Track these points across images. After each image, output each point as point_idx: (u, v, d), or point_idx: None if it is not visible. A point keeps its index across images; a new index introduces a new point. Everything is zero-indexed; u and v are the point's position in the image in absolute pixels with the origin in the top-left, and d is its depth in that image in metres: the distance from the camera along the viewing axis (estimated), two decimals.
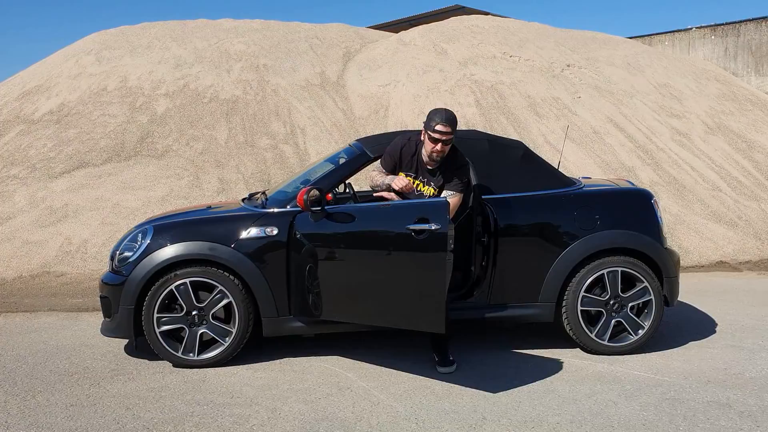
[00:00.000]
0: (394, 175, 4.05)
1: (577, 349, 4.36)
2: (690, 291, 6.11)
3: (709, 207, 9.00)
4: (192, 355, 4.09)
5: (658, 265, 4.32)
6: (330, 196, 4.14)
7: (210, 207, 4.70)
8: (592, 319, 4.29)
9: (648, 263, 4.31)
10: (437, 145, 3.88)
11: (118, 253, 4.23)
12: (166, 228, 4.21)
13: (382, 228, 3.79)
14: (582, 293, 4.23)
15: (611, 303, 4.26)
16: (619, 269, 4.25)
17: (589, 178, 5.26)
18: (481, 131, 4.95)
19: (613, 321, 4.27)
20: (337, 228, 3.86)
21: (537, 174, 4.45)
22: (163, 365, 4.16)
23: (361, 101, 10.95)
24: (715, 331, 4.91)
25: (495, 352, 4.40)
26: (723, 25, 15.74)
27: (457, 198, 4.02)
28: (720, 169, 9.98)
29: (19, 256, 7.38)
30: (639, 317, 4.29)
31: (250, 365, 4.15)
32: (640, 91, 11.84)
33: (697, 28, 16.17)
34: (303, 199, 3.83)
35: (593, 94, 11.41)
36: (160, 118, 9.94)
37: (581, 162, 9.62)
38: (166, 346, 4.07)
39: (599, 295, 4.26)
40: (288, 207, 4.13)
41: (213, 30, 12.79)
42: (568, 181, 4.54)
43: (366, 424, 3.26)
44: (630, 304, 4.27)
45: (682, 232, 8.40)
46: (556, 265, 4.23)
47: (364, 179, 8.81)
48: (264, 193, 4.71)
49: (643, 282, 4.25)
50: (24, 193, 8.42)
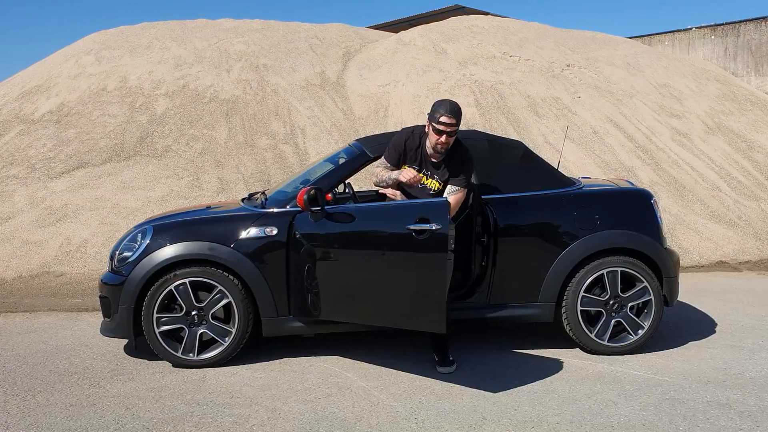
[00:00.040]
0: (398, 169, 4.00)
1: (577, 349, 4.36)
2: (690, 291, 6.11)
3: (709, 207, 9.00)
4: (192, 355, 4.09)
5: (658, 265, 4.32)
6: (330, 196, 4.14)
7: (210, 207, 4.69)
8: (591, 319, 4.29)
9: (648, 263, 4.31)
10: (442, 137, 3.84)
11: (117, 253, 4.23)
12: (165, 228, 4.21)
13: (382, 228, 3.78)
14: (582, 293, 4.23)
15: (611, 303, 4.26)
16: (618, 269, 4.25)
17: (589, 178, 5.26)
18: (480, 131, 4.95)
19: (612, 321, 4.27)
20: (337, 228, 3.86)
21: (537, 174, 4.45)
22: (162, 365, 4.16)
23: (361, 101, 10.95)
24: (714, 331, 4.91)
25: (495, 352, 4.40)
26: (723, 25, 15.74)
27: (461, 193, 3.99)
28: (720, 169, 9.98)
29: (19, 256, 7.38)
30: (639, 317, 4.30)
31: (250, 365, 4.15)
32: (640, 91, 11.84)
33: (696, 28, 16.17)
34: (303, 199, 3.82)
35: (593, 94, 11.41)
36: (160, 118, 9.94)
37: (581, 162, 9.62)
38: (166, 346, 4.07)
39: (599, 295, 4.26)
40: (288, 207, 4.13)
41: (213, 30, 12.79)
42: (568, 181, 4.54)
43: (366, 424, 3.26)
44: (630, 304, 4.27)
45: (681, 232, 8.40)
46: (555, 265, 4.23)
47: (364, 179, 8.82)
48: (263, 193, 4.71)
49: (642, 282, 4.25)
50: (24, 193, 8.42)
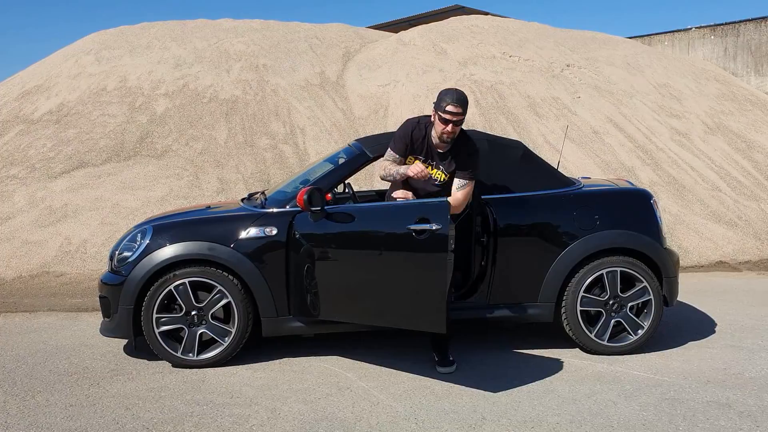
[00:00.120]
0: (405, 159, 3.95)
1: (577, 349, 4.36)
2: (689, 291, 6.11)
3: (709, 207, 9.00)
4: (191, 355, 4.09)
5: (658, 265, 4.32)
6: (329, 196, 4.14)
7: (209, 207, 4.69)
8: (591, 319, 4.29)
9: (647, 263, 4.31)
10: (448, 126, 3.79)
11: (117, 253, 4.23)
12: (165, 228, 4.21)
13: (382, 228, 3.78)
14: (581, 293, 4.23)
15: (611, 303, 4.26)
16: (618, 269, 4.25)
17: (589, 178, 5.26)
18: (480, 131, 4.95)
19: (612, 321, 4.27)
20: (336, 228, 3.85)
21: (536, 174, 4.45)
22: (162, 365, 4.16)
23: (361, 101, 10.95)
24: (714, 331, 4.91)
25: (495, 352, 4.39)
26: (722, 25, 15.74)
27: (470, 187, 3.95)
28: (720, 169, 9.98)
29: (19, 256, 7.38)
30: (638, 317, 4.29)
31: (250, 365, 4.15)
32: (640, 91, 11.84)
33: (696, 28, 16.17)
34: (303, 199, 3.82)
35: (593, 94, 11.41)
36: (160, 118, 9.94)
37: (581, 162, 9.62)
38: (166, 346, 4.07)
39: (599, 295, 4.26)
40: (287, 207, 4.13)
41: (212, 30, 12.79)
42: (568, 181, 4.54)
43: (366, 424, 3.26)
44: (629, 304, 4.27)
45: (681, 232, 8.41)
46: (555, 265, 4.23)
47: (364, 179, 8.81)
48: (263, 193, 4.71)
49: (642, 282, 4.25)
50: (23, 193, 8.42)
